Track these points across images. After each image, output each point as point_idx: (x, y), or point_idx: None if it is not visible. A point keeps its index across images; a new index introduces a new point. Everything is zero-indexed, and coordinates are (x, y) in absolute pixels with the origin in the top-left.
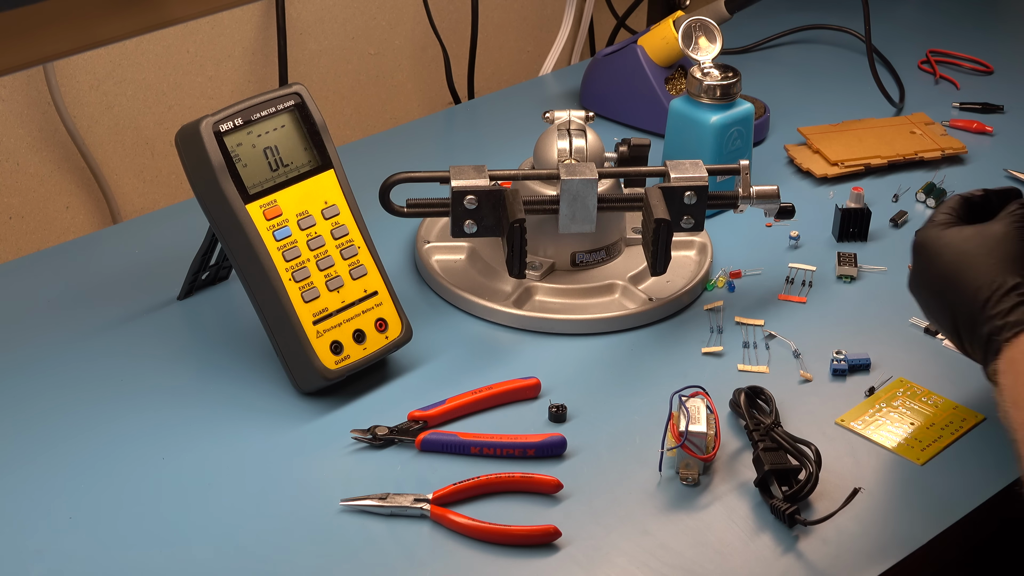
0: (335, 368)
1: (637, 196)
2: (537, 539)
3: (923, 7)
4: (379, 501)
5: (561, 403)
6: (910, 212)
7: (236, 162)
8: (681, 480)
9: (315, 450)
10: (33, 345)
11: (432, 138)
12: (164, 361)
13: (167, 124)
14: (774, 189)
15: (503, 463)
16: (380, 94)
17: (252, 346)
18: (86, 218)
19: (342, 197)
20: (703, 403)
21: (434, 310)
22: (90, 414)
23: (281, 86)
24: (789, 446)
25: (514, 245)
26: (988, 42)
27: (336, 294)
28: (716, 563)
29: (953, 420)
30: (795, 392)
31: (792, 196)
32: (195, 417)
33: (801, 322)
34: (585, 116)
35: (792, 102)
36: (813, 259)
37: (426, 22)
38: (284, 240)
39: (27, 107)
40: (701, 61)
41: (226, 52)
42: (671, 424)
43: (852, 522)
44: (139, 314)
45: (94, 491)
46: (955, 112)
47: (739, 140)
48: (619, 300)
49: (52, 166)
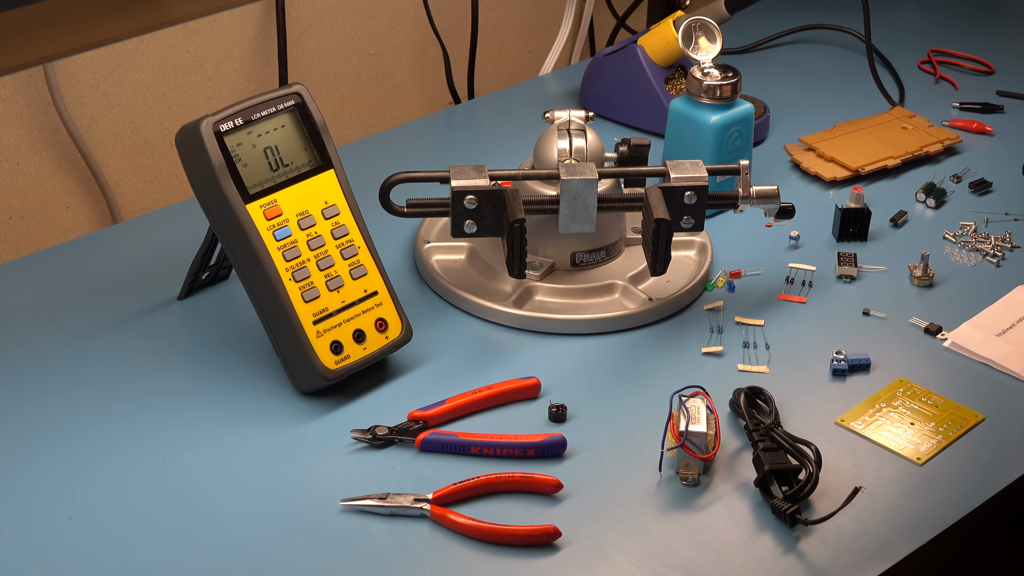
0: (335, 368)
1: (637, 196)
2: (537, 539)
3: (923, 7)
4: (379, 501)
5: (561, 403)
6: (910, 212)
7: (236, 162)
8: (681, 480)
9: (315, 450)
10: (33, 345)
11: (432, 138)
12: (164, 361)
13: (167, 124)
14: (774, 189)
15: (503, 463)
16: (380, 94)
17: (252, 346)
18: (86, 218)
19: (342, 197)
20: (703, 403)
21: (434, 310)
22: (90, 414)
23: (281, 86)
24: (789, 446)
25: (514, 245)
26: (988, 42)
27: (336, 294)
28: (716, 563)
29: (953, 420)
30: (795, 392)
31: (792, 196)
32: (195, 417)
33: (801, 322)
34: (585, 116)
35: (792, 102)
36: (813, 259)
37: (426, 22)
38: (284, 240)
39: (27, 107)
40: (701, 61)
41: (226, 52)
42: (671, 424)
43: (852, 522)
44: (139, 314)
45: (94, 491)
46: (955, 112)
47: (739, 140)
48: (619, 300)
49: (52, 166)
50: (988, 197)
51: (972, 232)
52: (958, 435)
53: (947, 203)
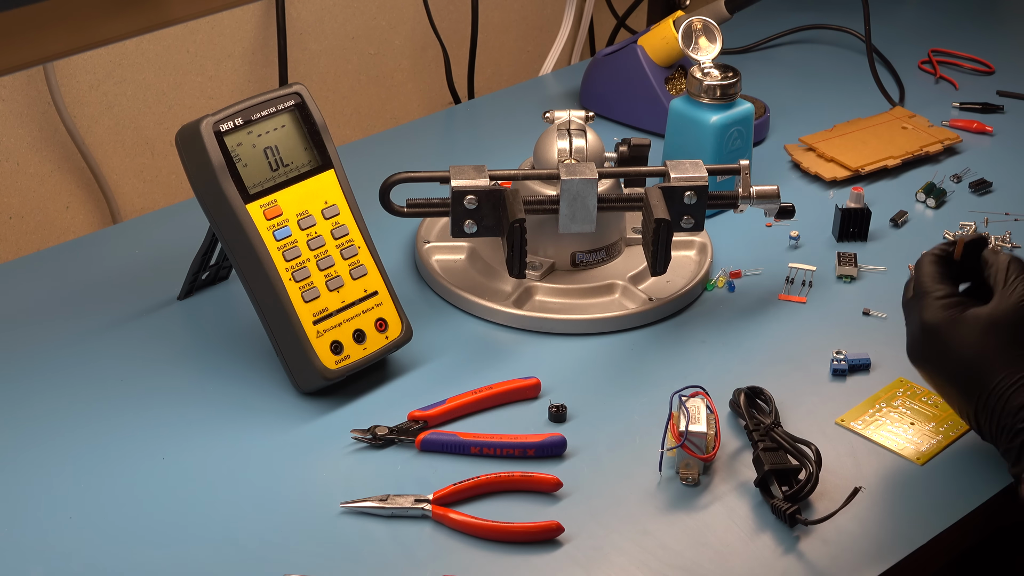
0: (335, 368)
1: (637, 196)
2: (540, 535)
3: (923, 7)
4: (379, 503)
5: (561, 403)
6: (910, 212)
7: (236, 162)
8: (681, 480)
9: (315, 450)
10: (33, 345)
11: (432, 138)
12: (164, 361)
13: (167, 124)
14: (774, 189)
15: (503, 463)
16: (380, 94)
17: (252, 346)
18: (86, 218)
19: (342, 197)
20: (703, 403)
21: (434, 310)
22: (90, 414)
23: (281, 86)
24: (789, 446)
25: (514, 245)
26: (988, 42)
27: (336, 294)
28: (716, 563)
29: (953, 420)
30: (795, 392)
31: (792, 196)
32: (195, 417)
33: (801, 322)
34: (585, 116)
35: (792, 102)
36: (813, 259)
37: (426, 22)
38: (284, 240)
39: (27, 107)
40: (701, 61)
41: (226, 52)
42: (671, 424)
43: (852, 522)
44: (139, 314)
45: (94, 491)
46: (955, 112)
47: (739, 140)
48: (619, 300)
49: (52, 166)
50: (988, 197)
51: (972, 232)
52: (958, 435)
53: (947, 203)
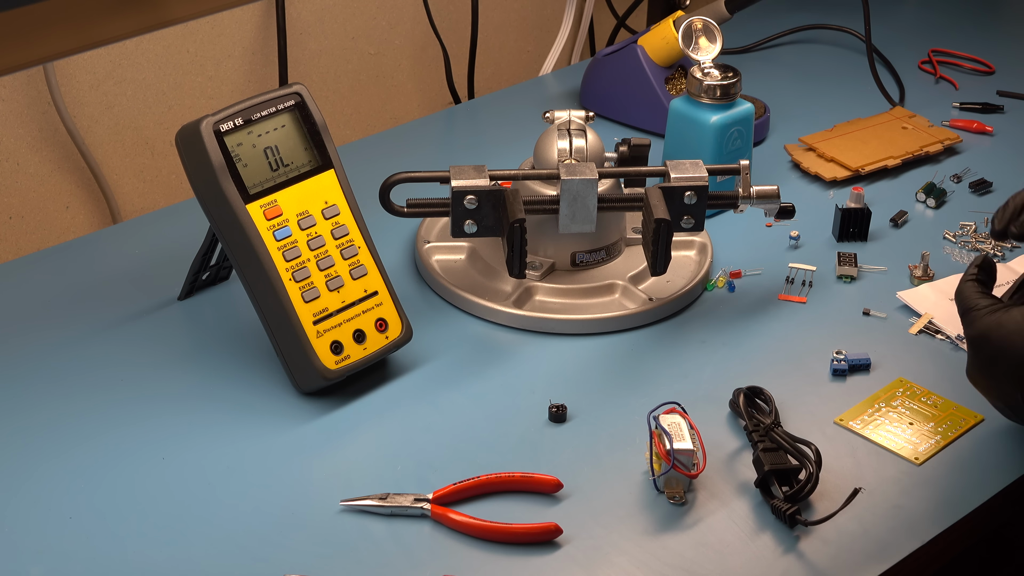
0: (335, 368)
1: (637, 196)
2: (539, 537)
3: (923, 7)
4: (379, 501)
5: (561, 403)
6: (910, 212)
7: (236, 162)
8: (668, 500)
9: (315, 450)
10: (33, 345)
11: (432, 138)
12: (163, 362)
13: (167, 124)
14: (774, 189)
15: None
16: (380, 94)
17: (252, 346)
18: (86, 218)
19: (342, 197)
20: (680, 419)
21: (434, 310)
22: (90, 414)
23: (281, 86)
24: (789, 446)
25: (514, 245)
26: (988, 42)
27: (336, 294)
28: (716, 563)
29: (953, 420)
30: (795, 392)
31: (792, 196)
32: (195, 417)
33: (801, 322)
34: (585, 116)
35: (792, 102)
36: (813, 259)
37: (426, 22)
38: (284, 240)
39: (27, 107)
40: (701, 61)
41: (226, 52)
42: (656, 444)
43: (852, 522)
44: (139, 314)
45: (94, 491)
46: (955, 112)
47: (739, 140)
48: (619, 300)
49: (52, 166)
50: (988, 197)
51: (972, 232)
52: (957, 435)
53: (947, 203)
